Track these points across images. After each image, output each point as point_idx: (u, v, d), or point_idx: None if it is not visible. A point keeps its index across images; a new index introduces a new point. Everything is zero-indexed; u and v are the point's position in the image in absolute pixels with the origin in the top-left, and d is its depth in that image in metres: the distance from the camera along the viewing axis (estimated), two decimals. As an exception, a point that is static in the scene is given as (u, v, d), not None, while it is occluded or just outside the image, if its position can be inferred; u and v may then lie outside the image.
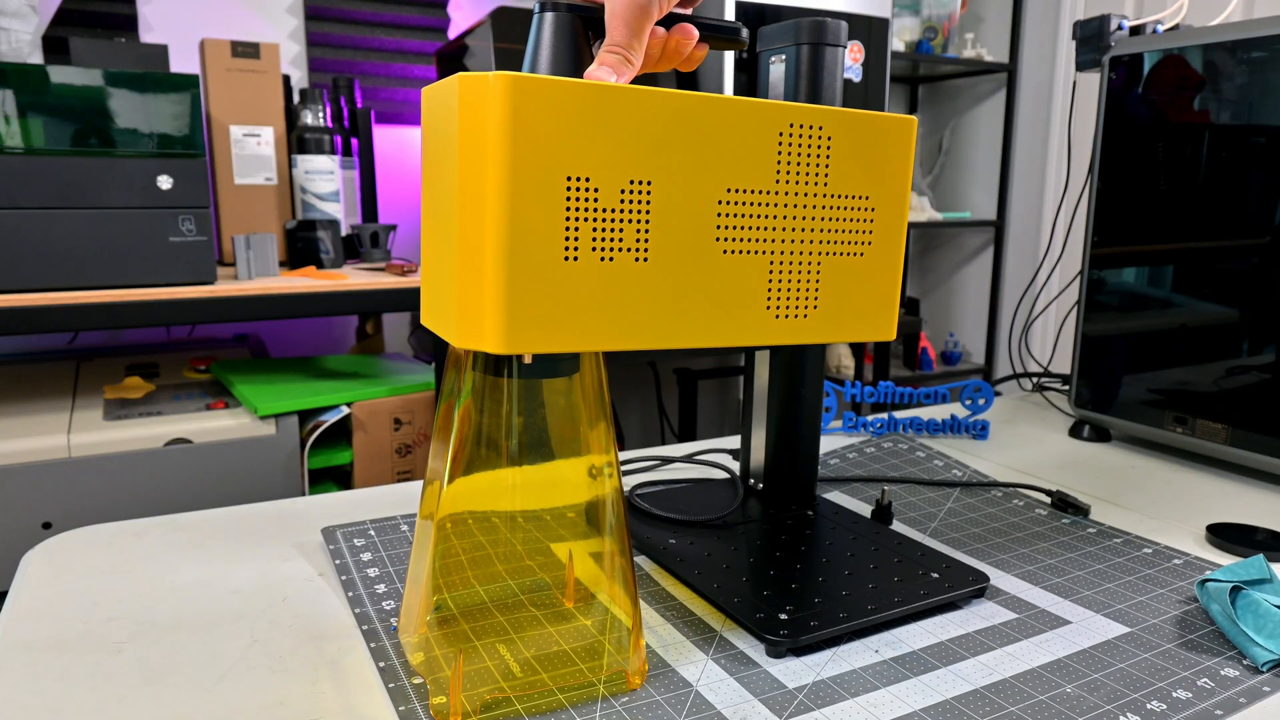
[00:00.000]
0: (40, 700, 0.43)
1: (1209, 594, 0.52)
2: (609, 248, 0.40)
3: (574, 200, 0.39)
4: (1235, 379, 0.76)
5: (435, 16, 2.10)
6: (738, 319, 0.44)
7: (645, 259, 0.41)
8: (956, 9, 2.61)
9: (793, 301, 0.46)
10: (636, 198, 0.40)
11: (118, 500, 1.23)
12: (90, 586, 0.55)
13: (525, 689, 0.44)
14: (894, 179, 0.48)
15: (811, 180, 0.45)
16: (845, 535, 0.61)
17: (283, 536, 0.63)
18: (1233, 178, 0.75)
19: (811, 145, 0.45)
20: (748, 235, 0.44)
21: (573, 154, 0.39)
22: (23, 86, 1.16)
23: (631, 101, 0.40)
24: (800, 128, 0.44)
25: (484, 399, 0.44)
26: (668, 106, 0.41)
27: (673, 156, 0.41)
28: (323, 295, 1.35)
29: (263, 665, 0.46)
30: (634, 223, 0.41)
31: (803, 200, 0.45)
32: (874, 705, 0.44)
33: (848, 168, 0.46)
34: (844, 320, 0.48)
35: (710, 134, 0.42)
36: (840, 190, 0.46)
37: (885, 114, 0.47)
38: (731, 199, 0.43)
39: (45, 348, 1.77)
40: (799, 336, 0.47)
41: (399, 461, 1.45)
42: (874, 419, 0.92)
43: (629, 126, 0.40)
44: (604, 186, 0.40)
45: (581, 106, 0.39)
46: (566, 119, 0.38)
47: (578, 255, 0.39)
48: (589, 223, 0.39)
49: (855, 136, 0.46)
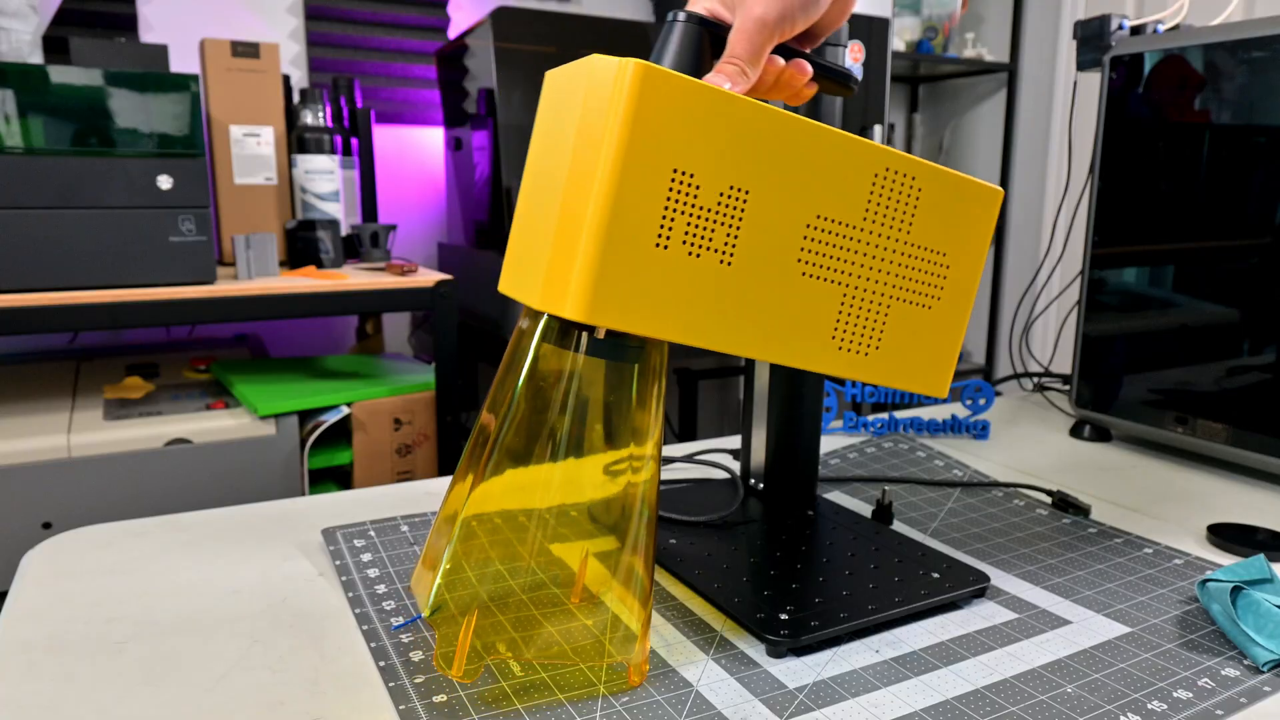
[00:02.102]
0: (40, 700, 0.43)
1: (1209, 594, 0.52)
2: (698, 244, 0.42)
3: (675, 192, 0.41)
4: (1236, 379, 0.76)
5: (435, 16, 2.10)
6: (802, 342, 0.46)
7: (729, 263, 0.43)
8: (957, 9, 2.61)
9: (857, 337, 0.47)
10: (733, 203, 0.42)
11: (118, 500, 1.23)
12: (90, 586, 0.55)
13: (526, 655, 0.44)
14: (973, 243, 0.49)
15: (896, 225, 0.47)
16: (846, 535, 0.61)
17: (283, 536, 0.63)
18: (1233, 178, 0.75)
19: (902, 192, 0.46)
20: (827, 264, 0.45)
21: (683, 148, 0.40)
22: (23, 86, 1.16)
23: (746, 112, 0.41)
24: (895, 174, 0.46)
25: (542, 375, 0.45)
26: (777, 124, 0.42)
27: (773, 172, 0.43)
28: (323, 295, 1.35)
29: (263, 665, 0.46)
30: (725, 226, 0.42)
31: (884, 242, 0.47)
32: (874, 705, 0.44)
33: (932, 221, 0.48)
34: (901, 367, 0.49)
35: (811, 160, 0.44)
36: (921, 241, 0.48)
37: (977, 181, 0.49)
38: (819, 225, 0.45)
39: (45, 348, 1.77)
40: (856, 373, 0.48)
41: (399, 461, 1.45)
42: (874, 419, 0.92)
43: (739, 135, 0.42)
44: (705, 185, 0.41)
45: (700, 106, 0.40)
46: (684, 115, 0.40)
47: (668, 244, 0.41)
48: (684, 216, 0.41)
49: (944, 194, 0.48)
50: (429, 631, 0.49)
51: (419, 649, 0.48)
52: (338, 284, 1.37)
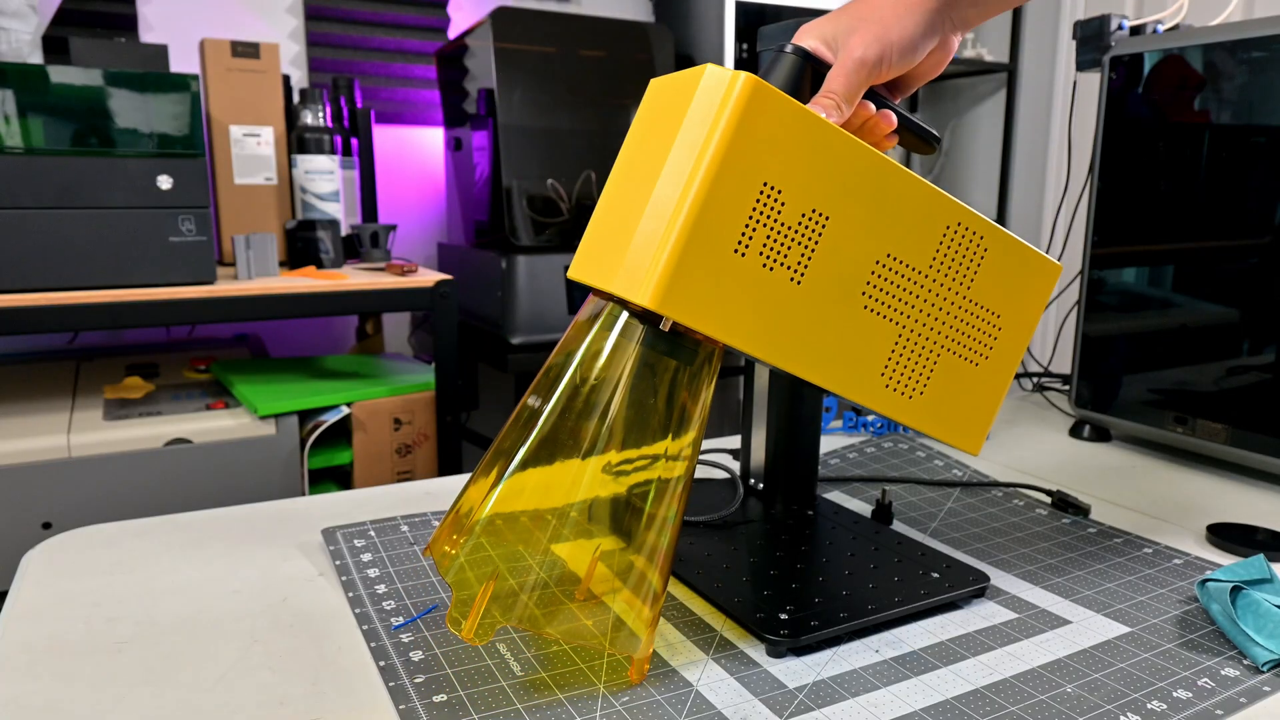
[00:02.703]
0: (40, 700, 0.43)
1: (1209, 594, 0.52)
2: (774, 258, 0.44)
3: (761, 204, 0.43)
4: (1235, 379, 0.76)
5: (435, 16, 2.10)
6: (853, 372, 0.47)
7: (799, 281, 0.45)
8: (956, 9, 2.61)
9: (905, 379, 0.49)
10: (813, 225, 0.44)
11: (118, 500, 1.23)
12: (90, 586, 0.55)
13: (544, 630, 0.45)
14: (1027, 309, 0.51)
15: (959, 278, 0.48)
16: (845, 535, 0.61)
17: (283, 536, 0.63)
18: (1233, 178, 0.75)
19: (969, 248, 0.49)
20: (890, 301, 0.47)
21: (776, 164, 0.43)
22: (23, 86, 1.16)
23: (838, 142, 0.44)
24: (965, 229, 0.48)
25: (597, 360, 0.46)
26: (866, 160, 0.45)
27: (855, 204, 0.45)
28: (323, 295, 1.35)
29: (263, 665, 0.46)
30: (802, 245, 0.44)
31: (945, 292, 0.48)
32: (874, 705, 0.44)
33: (992, 282, 0.49)
34: (940, 416, 0.50)
35: (891, 200, 0.46)
36: (979, 299, 0.49)
37: (1039, 253, 0.51)
38: (888, 263, 0.46)
39: (45, 348, 1.77)
40: (897, 413, 0.49)
41: (399, 461, 1.45)
42: (874, 419, 0.92)
43: (829, 162, 0.44)
44: (790, 203, 0.43)
45: (798, 129, 0.43)
46: (783, 133, 0.42)
47: (745, 253, 0.43)
48: (765, 228, 0.43)
49: (1007, 258, 0.50)
50: (429, 631, 0.49)
51: (419, 649, 0.48)
52: (338, 284, 1.37)
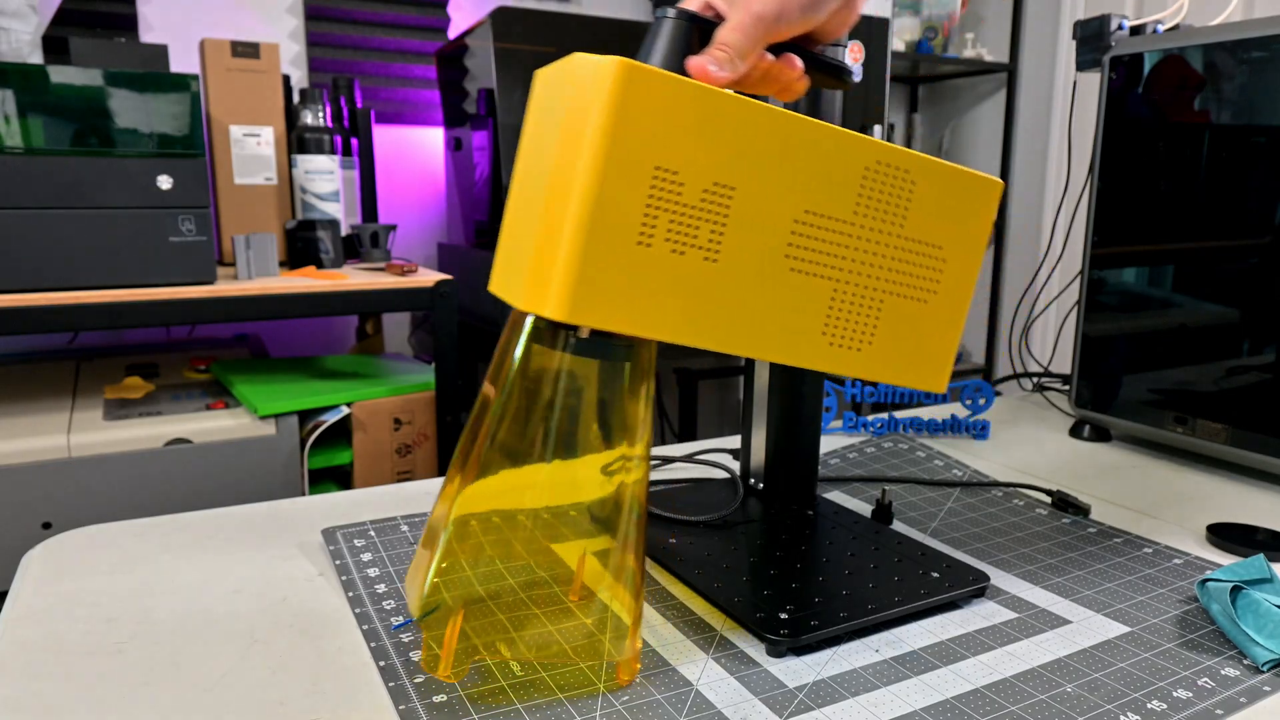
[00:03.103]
0: (40, 700, 0.43)
1: (1209, 594, 0.52)
2: (682, 242, 0.41)
3: (658, 190, 0.40)
4: (1235, 379, 0.76)
5: (435, 16, 2.09)
6: (793, 338, 0.45)
7: (715, 259, 0.42)
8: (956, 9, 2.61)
9: (850, 333, 0.46)
10: (718, 200, 0.42)
11: (118, 500, 1.23)
12: (90, 586, 0.55)
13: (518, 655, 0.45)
14: (971, 236, 0.48)
15: (889, 219, 0.46)
16: (845, 535, 0.61)
17: (283, 536, 0.63)
18: (1233, 178, 0.75)
19: (895, 186, 0.45)
20: (817, 259, 0.45)
21: (666, 146, 0.40)
22: (23, 86, 1.16)
23: (731, 108, 0.41)
24: (887, 167, 0.45)
25: (531, 373, 0.44)
26: (764, 120, 0.41)
27: (760, 168, 0.42)
28: (323, 295, 1.35)
29: (263, 665, 0.46)
30: (710, 223, 0.42)
31: (877, 236, 0.46)
32: (874, 704, 0.44)
33: (927, 215, 0.47)
34: (896, 363, 0.48)
35: (799, 155, 0.43)
36: (916, 235, 0.47)
37: (974, 172, 0.47)
38: (808, 220, 0.44)
39: (45, 348, 1.77)
40: (849, 369, 0.47)
41: (399, 461, 1.45)
42: (874, 419, 0.92)
43: (724, 132, 0.41)
44: (689, 183, 0.41)
45: (684, 104, 0.40)
46: (667, 113, 0.39)
47: (651, 242, 0.40)
48: (667, 214, 0.41)
49: (940, 187, 0.47)
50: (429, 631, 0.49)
51: (419, 649, 0.48)
52: (338, 284, 1.37)
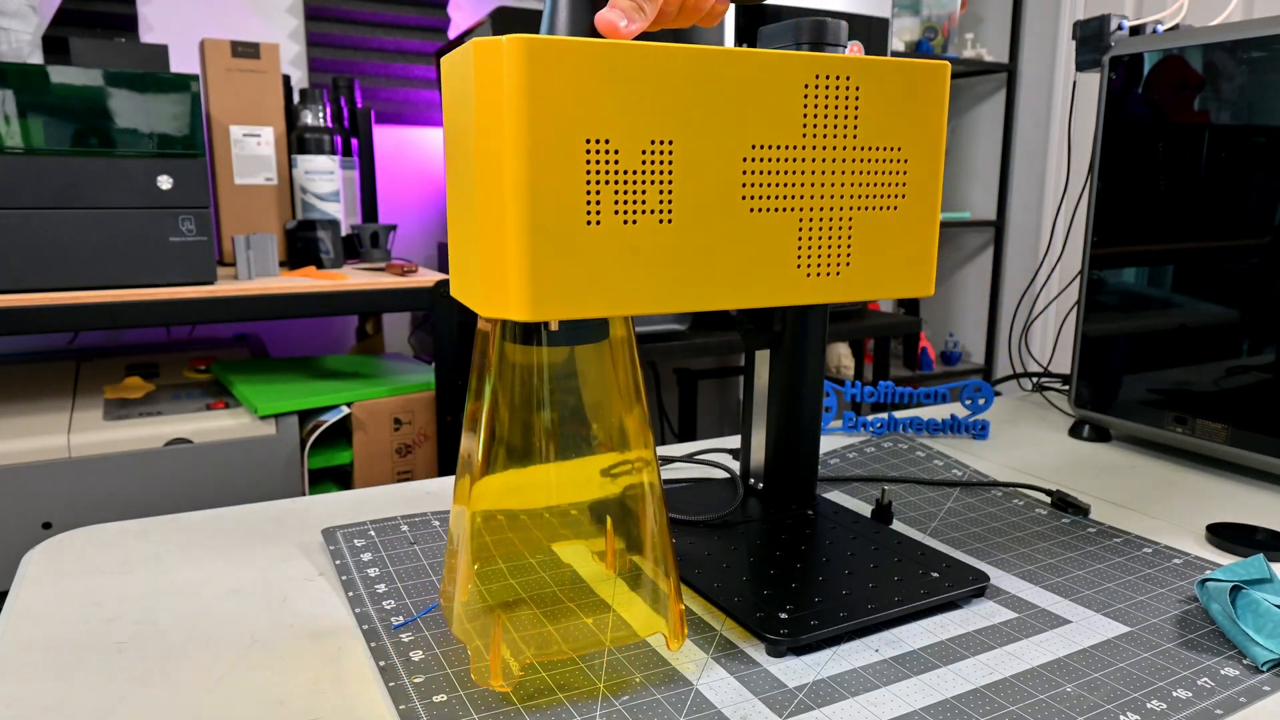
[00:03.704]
0: (40, 700, 0.43)
1: (1209, 593, 0.52)
2: (632, 210, 0.40)
3: (594, 163, 0.38)
4: (1235, 379, 0.76)
5: (435, 16, 2.10)
6: (768, 279, 0.44)
7: (669, 220, 0.41)
8: (956, 9, 2.61)
9: (824, 259, 0.45)
10: (658, 158, 0.40)
11: (118, 500, 1.23)
12: (90, 586, 0.55)
13: (548, 652, 0.44)
14: (927, 128, 0.46)
15: (840, 133, 0.44)
16: (845, 535, 0.61)
17: (283, 536, 0.63)
18: (1233, 178, 0.75)
19: (839, 96, 0.43)
20: (775, 193, 0.43)
21: (591, 116, 0.38)
22: (23, 86, 1.16)
23: (649, 60, 0.39)
24: (827, 79, 0.43)
25: (514, 373, 0.43)
26: (687, 63, 0.40)
27: (694, 115, 0.40)
28: (323, 295, 1.35)
29: (263, 665, 0.46)
30: (656, 184, 0.40)
31: (832, 154, 0.44)
32: (874, 704, 0.44)
33: (878, 118, 0.45)
34: (879, 276, 0.46)
35: (732, 90, 0.41)
36: (871, 142, 0.45)
37: (916, 60, 0.45)
38: (757, 155, 0.42)
39: (45, 348, 1.77)
40: (832, 295, 0.45)
41: (399, 461, 1.45)
42: (874, 419, 0.92)
43: (647, 86, 0.39)
44: (624, 148, 0.39)
45: (598, 67, 0.38)
46: (583, 80, 0.38)
47: (600, 219, 0.39)
48: (610, 185, 0.39)
49: (885, 85, 0.44)
50: (429, 631, 0.49)
51: (419, 649, 0.48)
52: (338, 284, 1.37)
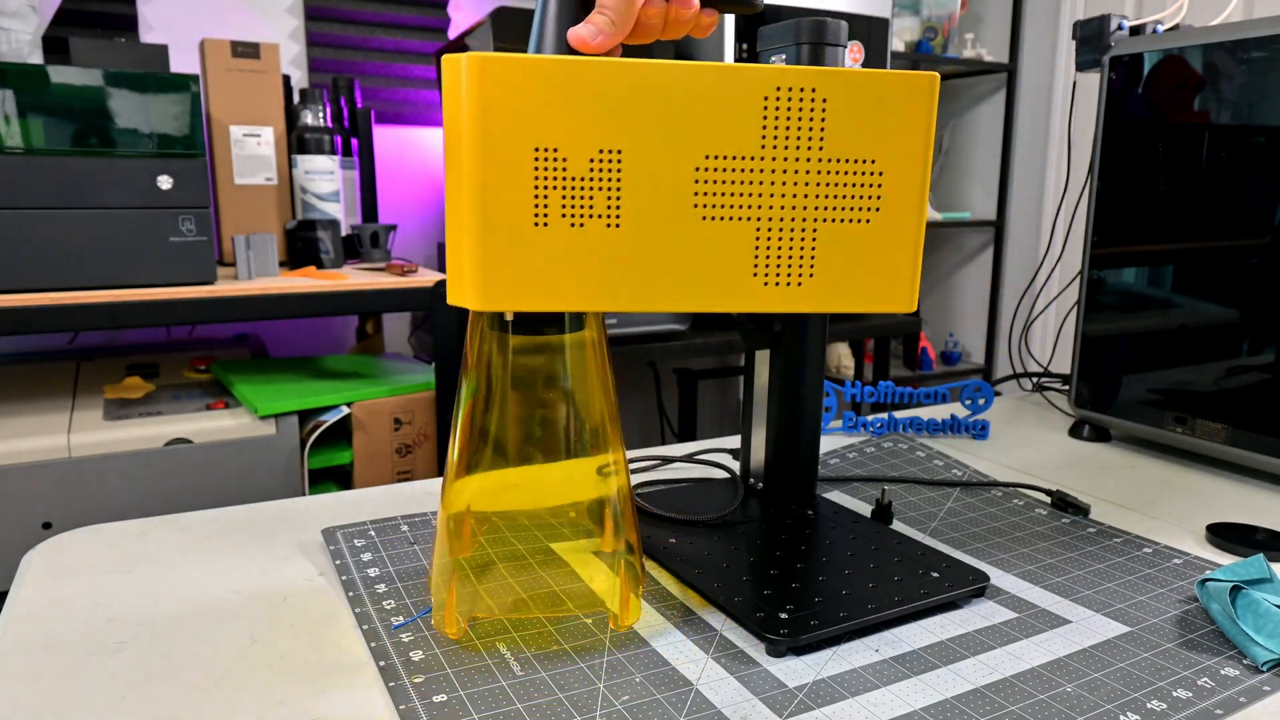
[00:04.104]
0: (40, 700, 0.43)
1: (1209, 593, 0.52)
2: (579, 214, 0.42)
3: (542, 169, 0.41)
4: (1235, 379, 0.76)
5: (435, 16, 2.10)
6: (721, 285, 0.44)
7: (617, 225, 0.43)
8: (956, 9, 2.61)
9: (784, 269, 0.45)
10: (606, 167, 0.42)
11: (118, 500, 1.23)
12: (90, 586, 0.55)
13: (513, 610, 0.49)
14: (908, 140, 0.45)
15: (804, 145, 0.44)
16: (845, 535, 0.61)
17: (283, 536, 0.63)
18: (1233, 178, 0.75)
19: (804, 109, 0.43)
20: (730, 202, 0.44)
21: (539, 126, 0.41)
22: (23, 86, 1.16)
23: (596, 74, 0.41)
24: (790, 91, 0.43)
25: (491, 357, 0.47)
26: (635, 77, 0.41)
27: (643, 126, 0.42)
28: (323, 295, 1.35)
29: (263, 665, 0.46)
30: (604, 190, 0.42)
31: (794, 165, 0.44)
32: (874, 704, 0.44)
33: (847, 130, 0.44)
34: (849, 290, 0.46)
35: (684, 102, 0.42)
36: (838, 154, 0.44)
37: (895, 72, 0.45)
38: (710, 165, 0.43)
39: (45, 348, 1.77)
40: (793, 305, 0.46)
41: (399, 461, 1.45)
42: (874, 419, 0.92)
43: (595, 98, 0.41)
44: (572, 156, 0.41)
45: (547, 82, 0.40)
46: (533, 94, 0.40)
47: (548, 221, 0.42)
48: (558, 191, 0.41)
49: (857, 97, 0.44)
50: (429, 631, 0.49)
51: (419, 649, 0.48)
52: (338, 284, 1.37)
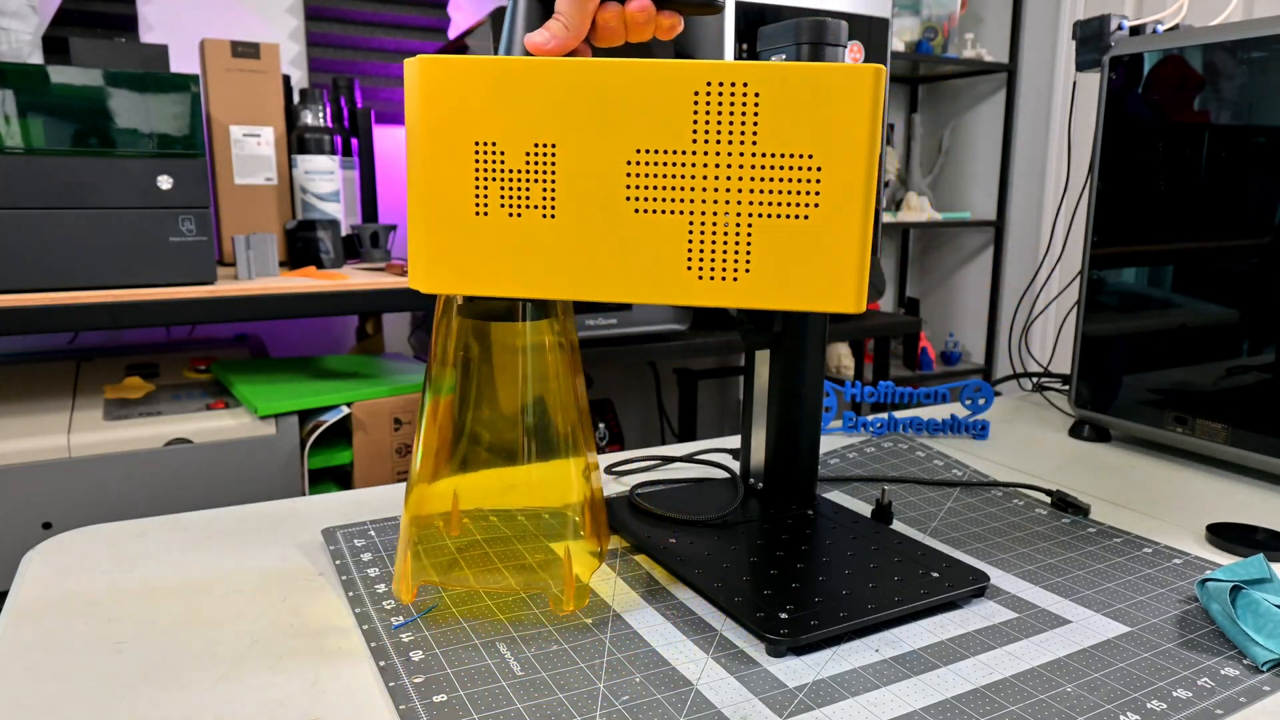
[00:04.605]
0: (40, 700, 0.43)
1: (1209, 593, 0.52)
2: (517, 205, 0.45)
3: (482, 162, 0.44)
4: (1235, 379, 0.76)
5: (435, 16, 2.10)
6: (654, 277, 0.46)
7: (552, 216, 0.45)
8: (956, 9, 2.61)
9: (718, 263, 0.45)
10: (542, 160, 0.44)
11: (118, 500, 1.23)
12: (90, 586, 0.55)
13: (458, 582, 0.52)
14: (848, 134, 0.43)
15: (736, 139, 0.44)
16: (845, 535, 0.61)
17: (283, 536, 0.63)
18: (1233, 178, 0.75)
19: (734, 103, 0.43)
20: (662, 195, 0.45)
21: (478, 122, 0.44)
22: (23, 86, 1.16)
23: (530, 72, 0.44)
24: (721, 85, 0.43)
25: (456, 350, 0.50)
26: (568, 74, 0.44)
27: (576, 121, 0.44)
28: (323, 295, 1.35)
29: (263, 665, 0.46)
30: (540, 182, 0.44)
31: (726, 160, 0.44)
32: (874, 704, 0.44)
33: (781, 125, 0.43)
34: (786, 286, 0.45)
35: (615, 98, 0.44)
36: (772, 149, 0.44)
37: (831, 65, 0.46)
38: (642, 159, 0.44)
39: (45, 348, 1.77)
40: (728, 299, 0.46)
41: (399, 461, 1.45)
42: (874, 419, 0.92)
43: (530, 95, 0.44)
44: (510, 150, 0.44)
45: (485, 80, 0.44)
46: (472, 92, 0.43)
47: (487, 211, 0.45)
48: (497, 183, 0.44)
49: (792, 92, 0.43)
50: (429, 631, 0.49)
51: (419, 649, 0.48)
52: (338, 284, 1.37)
